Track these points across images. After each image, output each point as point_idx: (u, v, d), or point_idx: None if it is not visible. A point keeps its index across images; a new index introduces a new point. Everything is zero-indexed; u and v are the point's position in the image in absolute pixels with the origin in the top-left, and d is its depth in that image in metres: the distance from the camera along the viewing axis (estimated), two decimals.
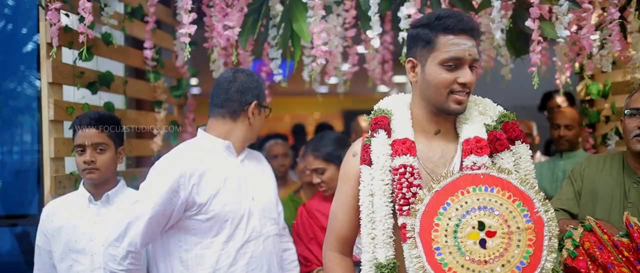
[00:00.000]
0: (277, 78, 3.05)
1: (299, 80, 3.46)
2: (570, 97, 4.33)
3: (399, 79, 8.12)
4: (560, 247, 1.94)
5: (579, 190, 2.42)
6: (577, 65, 3.48)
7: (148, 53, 3.26)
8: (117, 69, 3.22)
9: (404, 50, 2.56)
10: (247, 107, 2.37)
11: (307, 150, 2.87)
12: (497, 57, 3.31)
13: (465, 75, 1.74)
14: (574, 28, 2.78)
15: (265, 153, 3.81)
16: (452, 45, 1.74)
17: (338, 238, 1.93)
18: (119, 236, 2.22)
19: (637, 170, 2.32)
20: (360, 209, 1.81)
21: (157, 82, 3.44)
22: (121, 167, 3.31)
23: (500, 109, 1.90)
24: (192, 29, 2.66)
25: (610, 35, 2.69)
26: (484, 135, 1.80)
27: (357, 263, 1.88)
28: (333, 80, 3.67)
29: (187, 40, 2.67)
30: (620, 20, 2.72)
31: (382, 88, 4.43)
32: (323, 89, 7.11)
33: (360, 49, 3.56)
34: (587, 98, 3.96)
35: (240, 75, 2.41)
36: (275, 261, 2.44)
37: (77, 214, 2.48)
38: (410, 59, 1.86)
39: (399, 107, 1.89)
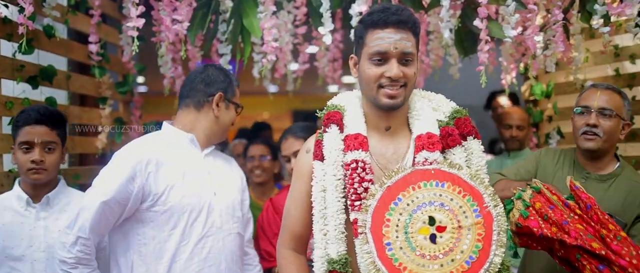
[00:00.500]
0: None
1: (247, 80, 3.43)
2: (514, 97, 4.45)
3: (347, 79, 8.15)
4: (510, 208, 1.94)
5: (531, 173, 2.48)
6: (521, 65, 3.57)
7: (93, 47, 3.16)
8: (59, 63, 3.10)
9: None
10: (212, 98, 2.35)
11: (286, 135, 2.84)
12: (446, 56, 3.36)
13: (391, 69, 1.75)
14: (519, 29, 2.84)
15: (228, 153, 3.76)
16: (377, 39, 1.75)
17: (292, 235, 1.92)
18: (71, 222, 2.15)
19: (585, 166, 2.40)
20: (313, 205, 1.80)
21: (102, 78, 3.34)
22: (63, 165, 3.21)
23: (453, 104, 1.91)
24: (140, 22, 2.59)
25: (554, 36, 2.76)
26: (436, 131, 1.82)
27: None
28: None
29: (135, 33, 2.60)
30: (564, 22, 2.79)
31: (332, 88, 4.44)
32: (272, 89, 7.05)
33: (311, 48, 3.55)
34: (531, 98, 4.07)
35: (210, 68, 2.41)
36: (234, 259, 2.39)
37: (14, 218, 2.32)
38: (352, 55, 1.88)
39: (351, 103, 1.90)
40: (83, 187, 3.16)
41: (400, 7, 1.77)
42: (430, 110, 1.88)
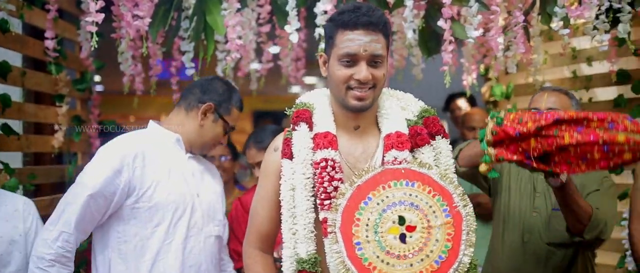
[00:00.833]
0: (190, 72, 2.96)
1: None
2: (471, 99, 4.52)
3: (309, 79, 8.14)
4: (483, 134, 1.88)
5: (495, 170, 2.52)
6: (482, 67, 3.62)
7: (49, 43, 3.06)
8: (14, 59, 2.99)
9: (321, 46, 2.55)
10: (201, 105, 2.34)
11: (249, 143, 2.83)
12: (409, 57, 3.38)
13: (360, 71, 1.73)
14: (481, 30, 2.88)
15: None
16: (347, 41, 1.73)
17: (258, 235, 1.89)
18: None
19: None
20: (281, 204, 1.78)
21: (59, 75, 3.24)
22: (18, 164, 3.10)
23: (421, 104, 1.92)
24: (99, 17, 2.52)
25: (515, 38, 2.81)
26: (405, 130, 1.82)
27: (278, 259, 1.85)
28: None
29: (94, 29, 2.52)
30: (524, 24, 2.84)
31: (295, 89, 4.42)
32: None
33: (274, 49, 3.52)
34: (491, 99, 4.14)
35: (218, 80, 2.44)
36: (214, 262, 2.38)
37: None
38: (321, 53, 1.87)
39: (320, 101, 1.88)
40: (39, 187, 3.07)
41: (371, 7, 1.76)
42: (398, 109, 1.87)
